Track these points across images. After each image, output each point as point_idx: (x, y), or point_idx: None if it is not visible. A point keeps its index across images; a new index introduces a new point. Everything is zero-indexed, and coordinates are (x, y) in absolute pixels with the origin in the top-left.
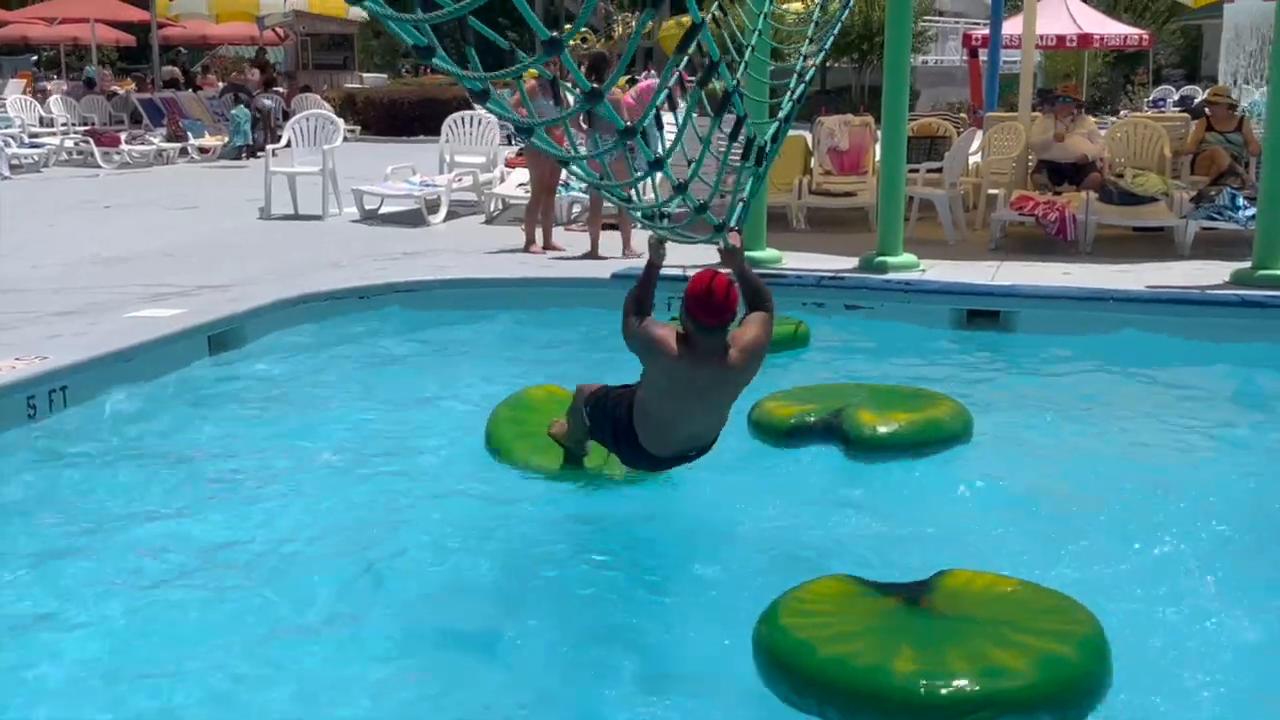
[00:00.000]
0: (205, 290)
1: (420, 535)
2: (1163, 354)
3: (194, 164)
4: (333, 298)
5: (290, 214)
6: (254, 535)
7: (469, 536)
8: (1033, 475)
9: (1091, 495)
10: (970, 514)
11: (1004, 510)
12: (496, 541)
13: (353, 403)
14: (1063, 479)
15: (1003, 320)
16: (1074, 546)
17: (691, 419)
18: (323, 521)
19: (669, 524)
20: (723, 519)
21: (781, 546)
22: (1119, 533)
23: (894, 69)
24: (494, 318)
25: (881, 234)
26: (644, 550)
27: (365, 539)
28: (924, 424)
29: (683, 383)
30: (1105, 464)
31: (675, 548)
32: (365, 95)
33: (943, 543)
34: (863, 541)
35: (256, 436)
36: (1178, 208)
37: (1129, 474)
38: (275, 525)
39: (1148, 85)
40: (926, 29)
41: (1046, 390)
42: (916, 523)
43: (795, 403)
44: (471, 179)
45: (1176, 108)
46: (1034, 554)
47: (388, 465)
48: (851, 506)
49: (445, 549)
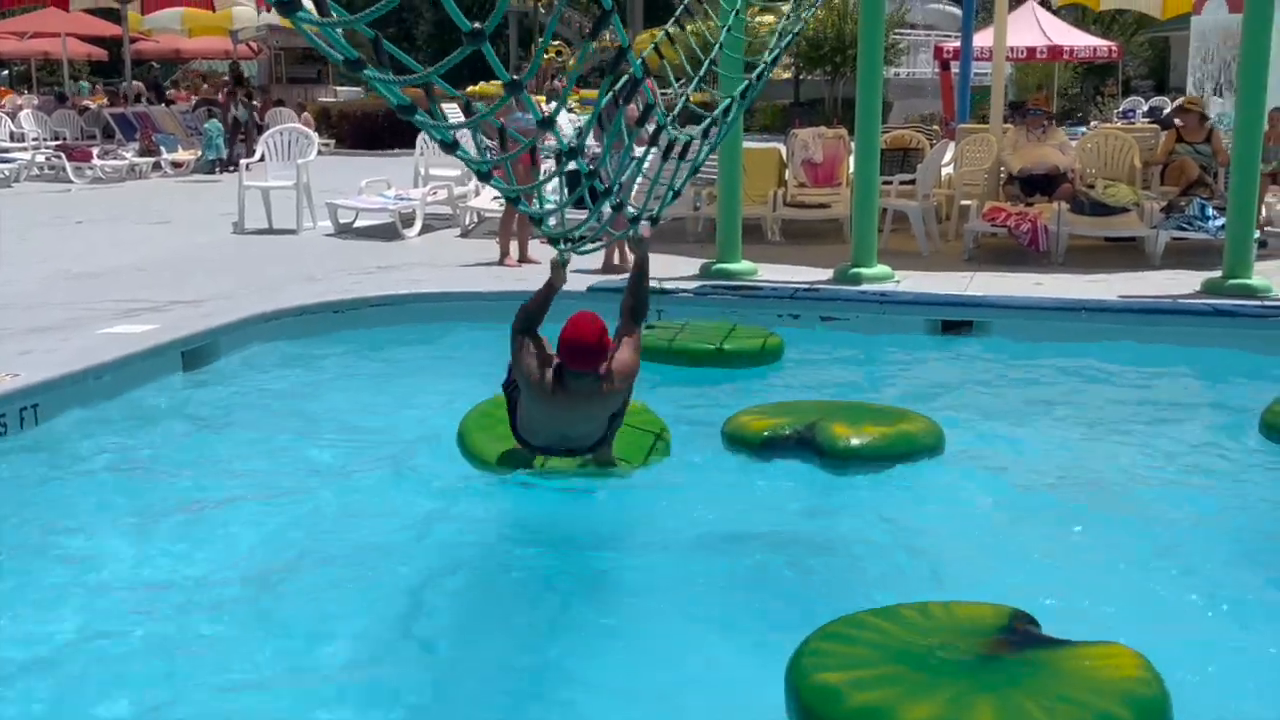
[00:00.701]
0: (178, 306)
1: (395, 552)
2: (1135, 363)
3: (167, 179)
4: (307, 312)
5: (264, 228)
6: (227, 551)
7: (440, 553)
8: (1004, 488)
9: (1063, 508)
10: (943, 530)
11: (975, 525)
12: (461, 556)
13: (327, 418)
14: (1034, 492)
15: (976, 330)
16: (1045, 563)
17: (557, 429)
18: (299, 537)
19: (639, 535)
20: (694, 530)
21: (753, 559)
22: (1090, 547)
23: (867, 81)
24: (469, 332)
25: (856, 245)
26: (612, 561)
27: (343, 557)
28: (896, 437)
29: (549, 408)
30: (1077, 475)
31: (644, 560)
32: (339, 109)
33: (918, 559)
34: (837, 554)
35: (231, 452)
36: (1148, 218)
37: (1100, 485)
38: (249, 540)
39: (1117, 96)
40: (898, 42)
41: (1020, 401)
42: (891, 537)
43: (769, 416)
44: (446, 192)
45: (1146, 119)
46: (1003, 570)
47: (363, 480)
48: (826, 518)
49: (415, 566)
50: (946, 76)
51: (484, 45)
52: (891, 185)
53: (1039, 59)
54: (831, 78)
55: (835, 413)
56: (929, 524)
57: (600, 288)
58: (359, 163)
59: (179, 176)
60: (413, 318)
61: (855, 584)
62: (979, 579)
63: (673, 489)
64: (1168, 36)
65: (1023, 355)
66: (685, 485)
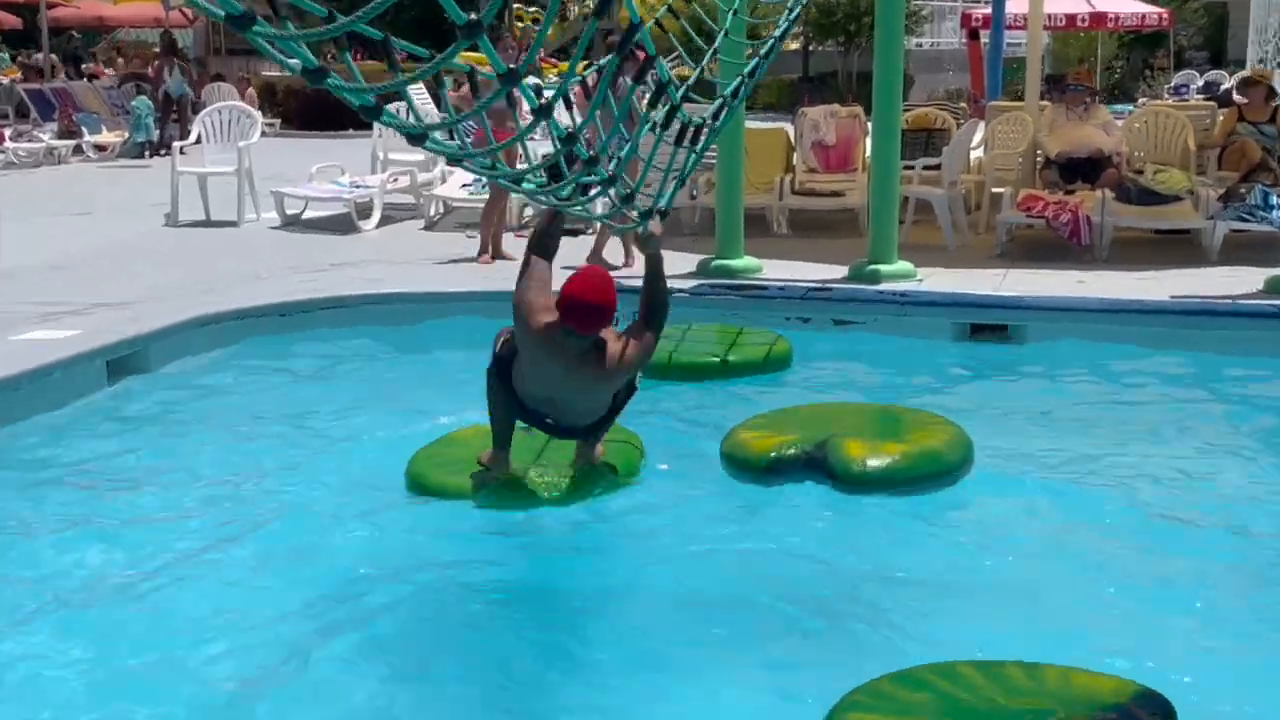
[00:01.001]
0: (102, 308)
1: (344, 589)
2: (1190, 373)
3: (89, 163)
4: (250, 316)
5: (201, 220)
6: (158, 578)
7: (391, 579)
8: (1044, 515)
9: (1113, 537)
10: (976, 564)
11: (1011, 558)
12: (415, 583)
13: (271, 436)
14: (1078, 519)
15: (1010, 335)
16: (1096, 603)
17: (543, 386)
18: (236, 570)
19: (627, 571)
20: (690, 566)
21: (756, 601)
22: (1145, 582)
23: (886, 52)
24: (435, 337)
25: (873, 239)
26: (598, 604)
27: (286, 590)
28: (919, 457)
29: (538, 356)
30: (1126, 499)
31: (634, 602)
32: (286, 84)
33: (945, 601)
34: (852, 596)
35: (162, 473)
36: (1204, 207)
37: (1154, 511)
38: (179, 572)
39: (1168, 70)
40: (921, 8)
41: (1059, 415)
42: (913, 575)
43: (773, 432)
44: (408, 179)
45: (1201, 95)
46: (1049, 614)
47: (310, 507)
48: (840, 552)
49: (365, 591)
50: (975, 47)
51: (481, 38)
52: (914, 171)
53: (1080, 27)
54: (845, 48)
55: (848, 425)
56: (959, 562)
57: None
58: (309, 145)
59: (103, 161)
60: (371, 321)
61: (876, 636)
62: (1016, 630)
63: (662, 519)
64: (1225, 2)
65: (1063, 364)
66: (676, 514)
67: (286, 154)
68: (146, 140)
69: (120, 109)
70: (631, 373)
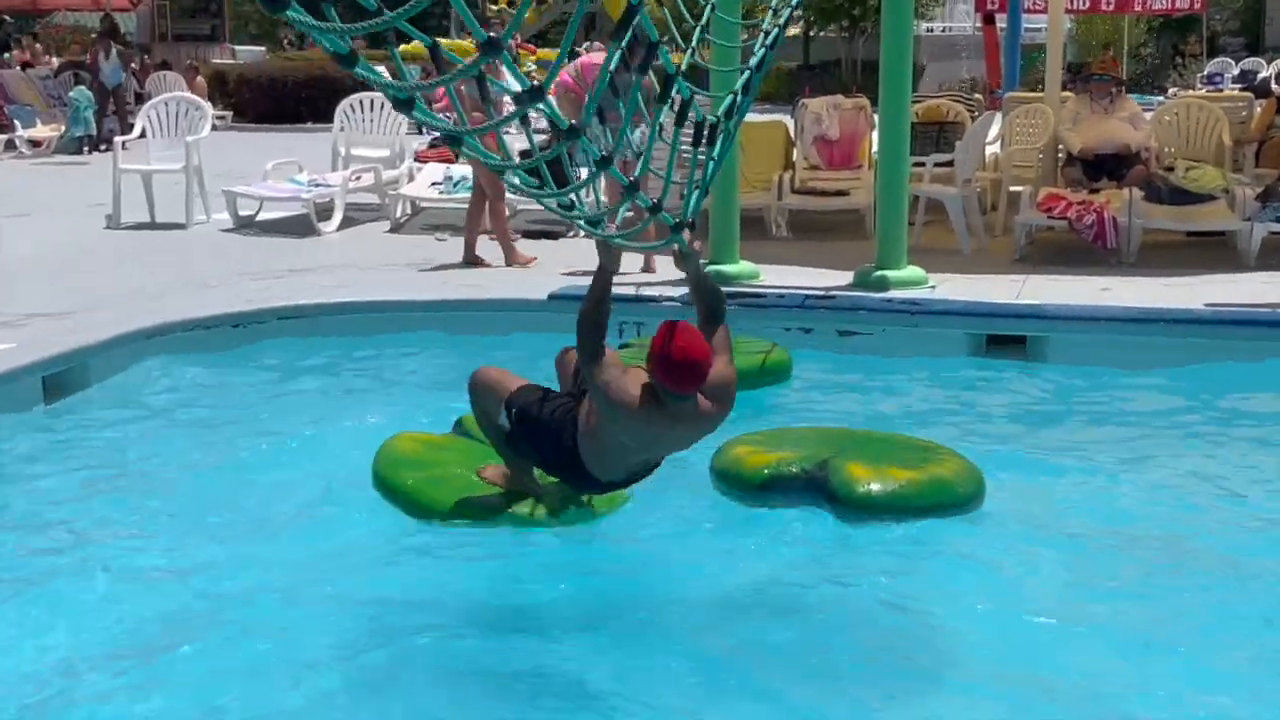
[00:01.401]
0: (37, 319)
1: (306, 625)
2: (1227, 387)
3: (22, 160)
4: (200, 327)
5: (145, 222)
6: (96, 622)
7: (355, 603)
8: (1066, 550)
9: (1148, 579)
10: (991, 606)
11: (1028, 601)
12: (384, 604)
13: (223, 460)
14: (1101, 556)
15: (1029, 347)
16: (1127, 657)
17: (653, 452)
18: (183, 602)
19: (605, 604)
20: (681, 593)
21: (752, 637)
22: (1185, 630)
23: (894, 38)
24: (402, 350)
25: (880, 243)
26: (583, 627)
27: (243, 623)
28: (929, 485)
29: (649, 436)
30: (1160, 531)
31: (620, 633)
32: (239, 73)
33: (957, 649)
34: (856, 637)
35: (102, 497)
36: (1240, 208)
37: (1192, 545)
38: (123, 608)
39: (1201, 58)
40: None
41: (1082, 434)
42: (920, 615)
43: (769, 448)
44: (372, 177)
45: (1236, 85)
46: (1074, 665)
47: (264, 535)
48: (839, 585)
49: (334, 645)
50: (991, 32)
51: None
52: (924, 168)
53: (1105, 11)
54: (849, 34)
55: (850, 446)
56: (969, 599)
57: (564, 294)
58: (264, 140)
59: (37, 157)
60: (332, 332)
61: (878, 676)
62: (1037, 680)
63: (647, 542)
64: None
65: (1086, 378)
66: (663, 538)
67: (239, 150)
68: (85, 135)
69: (56, 100)
70: (733, 388)
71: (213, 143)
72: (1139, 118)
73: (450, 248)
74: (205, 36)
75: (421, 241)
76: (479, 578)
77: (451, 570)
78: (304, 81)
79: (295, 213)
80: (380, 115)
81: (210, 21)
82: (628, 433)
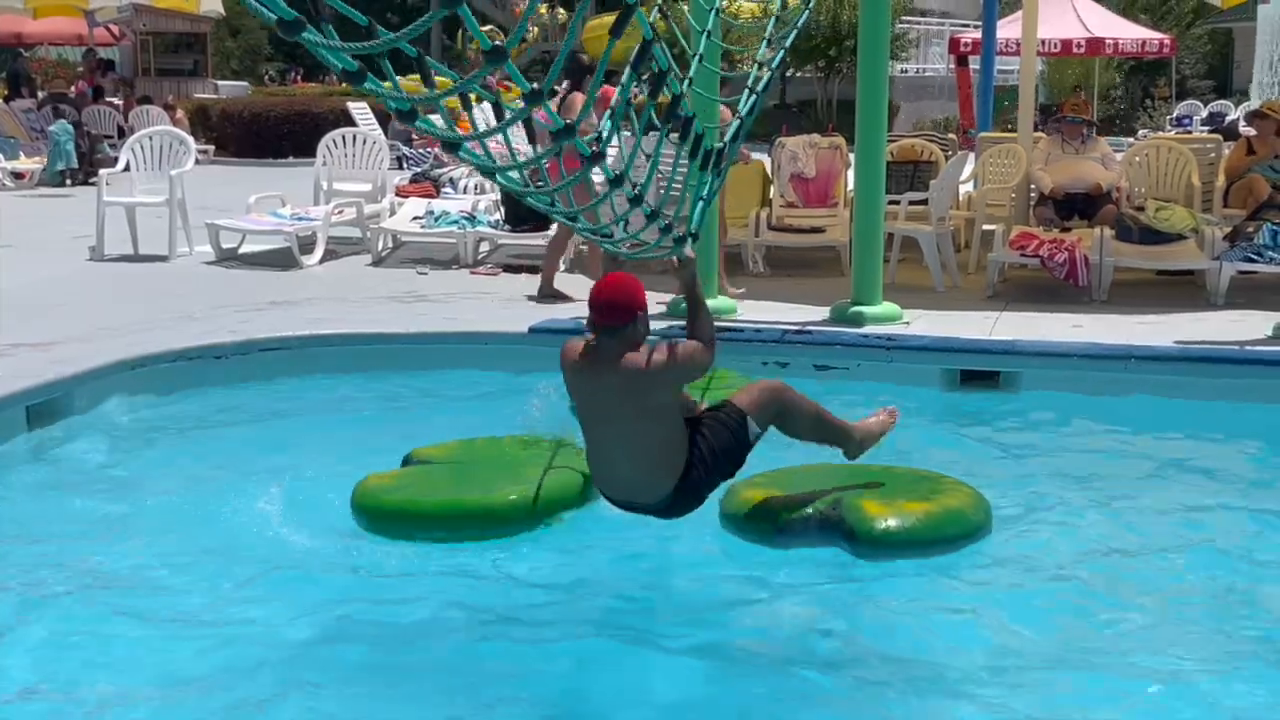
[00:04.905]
0: (21, 349)
1: (289, 666)
2: (1197, 423)
3: (6, 192)
4: (182, 359)
5: (129, 254)
6: (77, 663)
7: (341, 630)
8: (1051, 579)
9: (1110, 614)
10: (1003, 630)
11: (1034, 626)
12: (370, 633)
13: (205, 487)
14: (1066, 588)
15: (1002, 382)
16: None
17: (609, 451)
18: (166, 638)
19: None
20: (696, 636)
21: (778, 683)
22: (1168, 651)
23: (869, 79)
24: (384, 382)
25: (856, 279)
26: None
27: (225, 661)
28: (944, 517)
29: (584, 400)
30: (1122, 573)
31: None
32: (221, 107)
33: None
34: (895, 676)
35: (84, 529)
36: (1209, 247)
37: (1157, 571)
38: (101, 647)
39: (1170, 100)
40: (906, 31)
41: (1057, 470)
42: (950, 647)
43: (778, 490)
44: (355, 211)
45: (1205, 127)
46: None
47: (248, 569)
48: (864, 625)
49: (320, 686)
50: (964, 74)
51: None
52: (899, 206)
53: (1076, 54)
54: (825, 74)
55: (855, 482)
56: (988, 632)
57: (544, 328)
58: (246, 174)
59: (20, 190)
60: (315, 365)
61: None
62: None
63: (662, 584)
64: (1230, 29)
65: (1059, 415)
66: (676, 575)
67: (223, 183)
68: (67, 168)
69: (39, 133)
70: (668, 373)
71: (196, 176)
72: (1110, 158)
73: (431, 281)
74: (188, 71)
75: (402, 275)
76: (465, 602)
77: (442, 590)
78: (286, 116)
79: (278, 245)
80: (362, 150)
81: (193, 57)
82: (574, 395)
